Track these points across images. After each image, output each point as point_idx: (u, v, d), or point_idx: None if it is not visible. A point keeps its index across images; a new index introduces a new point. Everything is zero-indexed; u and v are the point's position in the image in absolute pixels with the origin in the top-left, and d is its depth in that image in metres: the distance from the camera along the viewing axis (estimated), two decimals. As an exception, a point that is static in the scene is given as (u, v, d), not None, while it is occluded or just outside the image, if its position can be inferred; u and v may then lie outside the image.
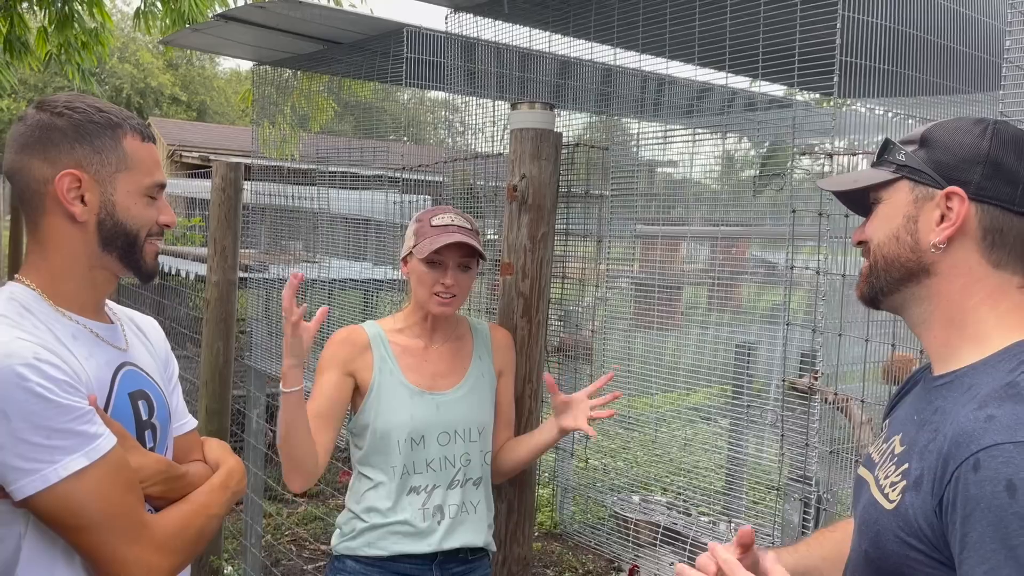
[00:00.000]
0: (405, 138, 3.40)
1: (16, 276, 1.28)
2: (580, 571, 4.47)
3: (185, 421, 1.48)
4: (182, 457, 1.42)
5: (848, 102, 1.65)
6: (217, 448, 1.51)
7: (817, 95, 2.31)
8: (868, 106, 1.81)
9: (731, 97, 2.43)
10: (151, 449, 1.32)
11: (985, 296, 1.05)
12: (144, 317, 1.52)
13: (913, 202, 1.08)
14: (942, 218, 1.05)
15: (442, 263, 1.88)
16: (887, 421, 1.21)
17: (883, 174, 1.11)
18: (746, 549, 1.07)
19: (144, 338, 1.45)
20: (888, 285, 1.11)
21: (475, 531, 1.93)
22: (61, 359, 1.15)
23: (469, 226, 1.90)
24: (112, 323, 1.35)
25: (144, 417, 1.32)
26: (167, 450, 1.40)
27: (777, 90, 2.65)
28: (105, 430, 1.17)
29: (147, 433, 1.32)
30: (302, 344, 1.70)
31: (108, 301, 1.38)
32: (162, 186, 1.32)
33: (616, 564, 4.45)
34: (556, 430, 1.92)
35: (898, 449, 1.07)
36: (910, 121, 1.97)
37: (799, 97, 2.57)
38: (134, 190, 1.27)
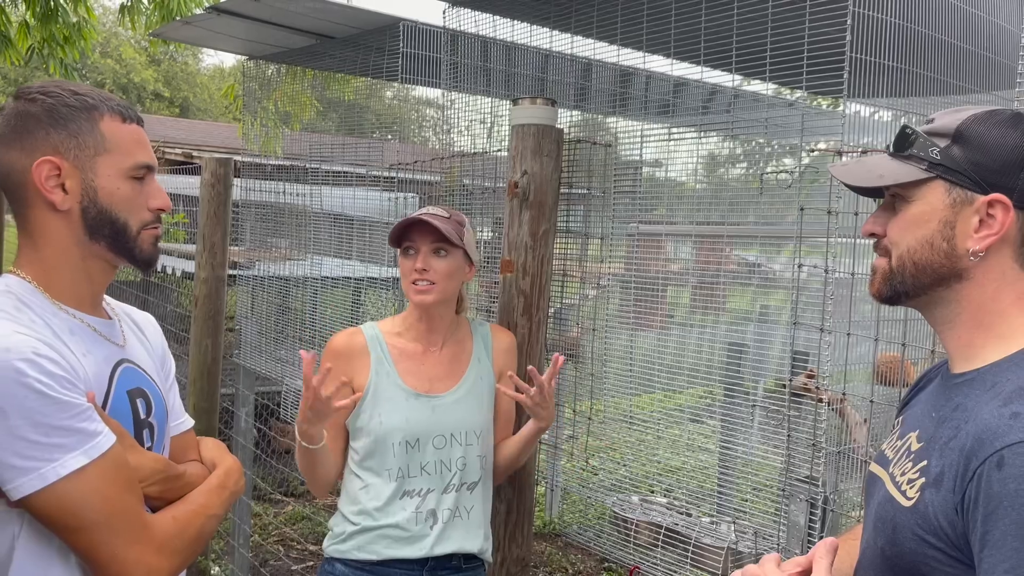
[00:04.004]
0: (390, 136, 3.37)
1: (11, 268, 1.24)
2: (570, 571, 4.45)
3: (182, 420, 1.44)
4: (179, 457, 1.39)
5: (836, 102, 1.64)
6: (214, 448, 1.48)
7: (801, 93, 2.30)
8: (872, 107, 1.80)
9: (711, 94, 2.42)
10: (149, 448, 1.29)
11: (1015, 299, 1.03)
12: (141, 313, 1.48)
13: (951, 206, 1.03)
14: (980, 223, 1.01)
15: (415, 248, 1.88)
16: (900, 418, 1.19)
17: (913, 171, 1.05)
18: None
19: (141, 335, 1.42)
20: (915, 289, 1.07)
21: (468, 536, 1.89)
22: (59, 354, 1.12)
23: (446, 215, 1.89)
24: (110, 319, 1.31)
25: (142, 416, 1.29)
26: (164, 449, 1.37)
27: (765, 89, 2.64)
28: (104, 428, 1.14)
29: (145, 432, 1.29)
30: (328, 413, 1.72)
31: (106, 296, 1.35)
32: (149, 167, 1.26)
33: (607, 564, 4.44)
34: (532, 422, 1.94)
35: (915, 446, 1.05)
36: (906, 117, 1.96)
37: (795, 96, 2.56)
38: (115, 173, 1.22)
